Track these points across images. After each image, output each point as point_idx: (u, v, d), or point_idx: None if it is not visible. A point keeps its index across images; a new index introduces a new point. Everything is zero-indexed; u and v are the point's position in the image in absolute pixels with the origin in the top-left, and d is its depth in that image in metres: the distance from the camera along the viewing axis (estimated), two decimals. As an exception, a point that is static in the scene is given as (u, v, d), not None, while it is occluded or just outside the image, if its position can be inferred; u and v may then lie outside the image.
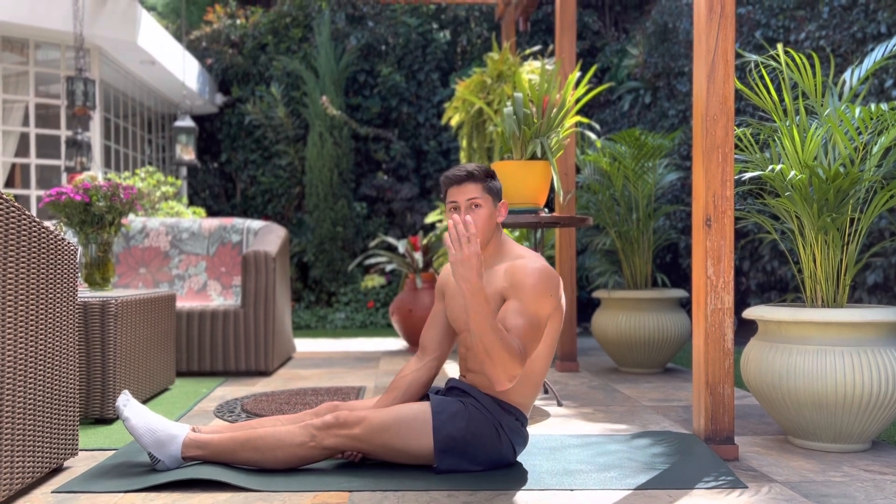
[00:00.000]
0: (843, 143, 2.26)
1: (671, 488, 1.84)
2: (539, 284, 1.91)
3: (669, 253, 5.58)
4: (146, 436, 1.94)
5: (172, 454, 1.94)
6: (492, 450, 1.95)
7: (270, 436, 1.93)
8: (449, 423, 1.92)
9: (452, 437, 1.91)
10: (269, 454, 1.93)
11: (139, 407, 1.98)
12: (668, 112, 5.56)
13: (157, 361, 3.09)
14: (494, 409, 1.96)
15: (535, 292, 1.90)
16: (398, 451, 1.95)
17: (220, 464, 1.97)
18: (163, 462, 1.95)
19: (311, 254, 7.03)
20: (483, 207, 1.99)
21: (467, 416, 1.93)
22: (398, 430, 1.92)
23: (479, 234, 1.98)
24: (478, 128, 4.92)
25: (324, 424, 1.92)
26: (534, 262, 1.95)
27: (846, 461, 2.12)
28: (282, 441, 1.92)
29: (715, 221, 2.19)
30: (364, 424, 1.92)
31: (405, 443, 1.93)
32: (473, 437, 1.93)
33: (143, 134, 7.24)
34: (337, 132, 6.99)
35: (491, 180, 2.03)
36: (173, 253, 4.31)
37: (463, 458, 1.94)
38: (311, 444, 1.92)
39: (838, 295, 2.33)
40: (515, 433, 1.99)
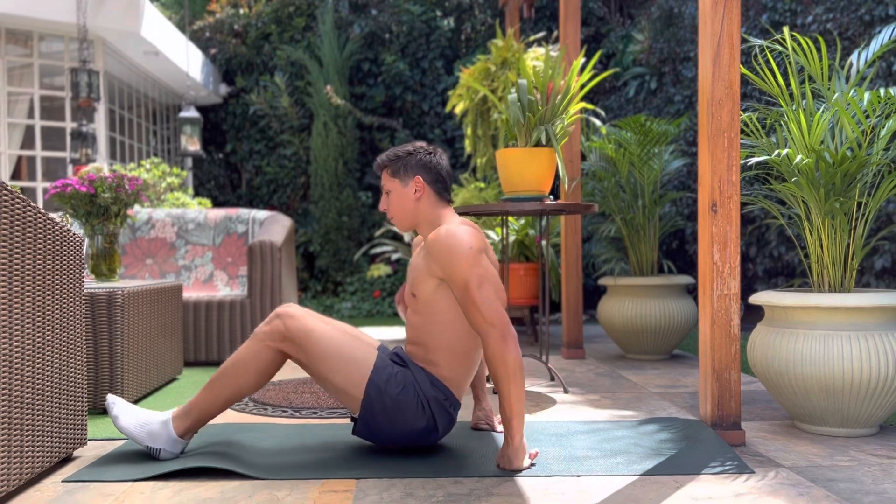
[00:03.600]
0: (850, 127, 2.24)
1: (678, 474, 1.84)
2: (447, 248, 1.89)
3: (675, 239, 5.56)
4: (139, 431, 1.98)
5: (168, 437, 1.97)
6: (412, 422, 1.94)
7: (231, 361, 1.98)
8: (383, 382, 1.93)
9: (381, 395, 1.92)
10: (240, 378, 1.96)
11: (126, 405, 2.03)
12: (674, 98, 5.52)
13: (164, 351, 3.10)
14: (424, 384, 1.96)
15: (449, 258, 1.88)
16: (328, 382, 1.96)
17: (220, 457, 1.98)
18: (163, 450, 1.98)
19: (316, 244, 7.04)
20: (392, 192, 2.06)
21: (402, 384, 1.94)
22: (336, 364, 1.93)
23: (397, 218, 2.07)
24: (482, 115, 4.90)
25: (272, 333, 1.95)
26: (440, 231, 1.92)
27: (853, 446, 2.11)
28: (241, 359, 1.97)
29: (721, 207, 2.18)
30: (309, 348, 1.93)
31: (338, 379, 1.94)
32: (399, 405, 1.93)
33: (148, 125, 7.25)
34: (341, 121, 6.98)
35: (396, 162, 2.05)
36: (179, 244, 4.32)
37: (383, 418, 1.94)
38: (266, 344, 1.95)
39: (846, 280, 2.32)
40: (441, 411, 1.97)
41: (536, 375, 3.36)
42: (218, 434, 2.28)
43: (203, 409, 1.99)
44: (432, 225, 2.06)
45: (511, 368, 1.82)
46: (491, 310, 1.84)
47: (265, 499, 1.69)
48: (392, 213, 2.07)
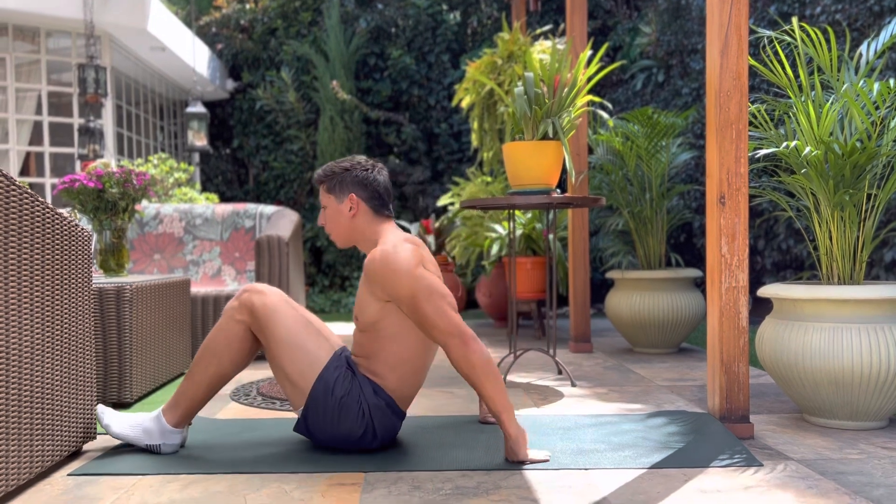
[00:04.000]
0: (859, 118, 2.23)
1: (686, 467, 1.84)
2: (386, 272, 1.87)
3: (683, 233, 5.54)
4: (133, 433, 2.01)
5: (163, 431, 1.99)
6: (351, 427, 1.93)
7: (204, 343, 1.99)
8: (332, 381, 1.92)
9: (326, 394, 1.91)
10: (215, 358, 1.97)
11: (114, 413, 2.05)
12: (682, 90, 5.50)
13: (173, 346, 3.12)
14: (367, 391, 1.94)
15: (391, 281, 1.87)
16: (280, 369, 1.95)
17: (227, 461, 1.99)
18: (163, 444, 2.00)
19: (324, 238, 7.04)
20: (329, 209, 2.06)
21: (348, 388, 1.92)
22: (291, 352, 1.93)
23: (335, 234, 2.06)
24: (489, 109, 4.89)
25: (239, 308, 1.96)
26: (374, 254, 1.91)
27: (863, 439, 2.10)
28: (212, 337, 1.98)
29: (729, 199, 2.17)
30: (269, 329, 1.93)
31: (290, 367, 1.93)
32: (341, 408, 1.91)
33: (155, 121, 7.26)
34: (348, 116, 6.98)
35: (332, 178, 2.04)
36: (187, 239, 4.33)
37: (324, 418, 1.93)
38: (234, 318, 1.96)
39: (855, 272, 2.31)
40: (381, 420, 1.95)
41: (544, 369, 3.36)
42: (226, 431, 2.29)
43: (189, 397, 1.99)
44: (369, 242, 2.05)
45: (480, 369, 1.82)
46: (445, 320, 1.84)
47: (274, 492, 1.69)
48: (329, 228, 2.07)
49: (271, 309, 1.95)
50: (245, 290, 1.99)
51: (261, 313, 1.94)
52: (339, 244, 2.08)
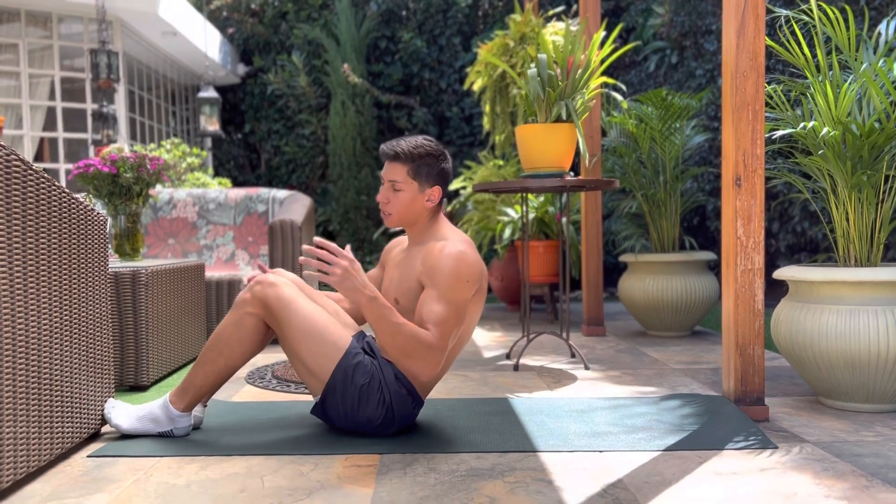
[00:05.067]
0: (878, 98, 2.20)
1: (701, 449, 1.84)
2: (453, 270, 1.87)
3: (697, 216, 5.51)
4: (143, 424, 2.01)
5: (171, 417, 2.00)
6: (371, 413, 1.92)
7: (215, 333, 1.98)
8: (351, 368, 1.91)
9: (346, 382, 1.90)
10: (226, 350, 1.95)
11: (122, 407, 2.04)
12: (696, 72, 5.44)
13: (188, 330, 3.14)
14: (389, 377, 1.94)
15: (449, 278, 1.87)
16: (297, 358, 1.94)
17: (243, 442, 2.00)
18: (175, 429, 2.01)
19: (336, 223, 7.06)
20: (405, 192, 1.98)
21: (369, 374, 1.92)
22: (308, 342, 1.91)
23: (396, 216, 2.00)
24: (501, 92, 4.86)
25: (252, 300, 1.93)
26: (451, 247, 1.90)
27: (879, 421, 2.09)
28: (223, 329, 1.96)
29: (745, 181, 2.15)
30: (284, 320, 1.90)
31: (308, 357, 1.92)
32: (361, 394, 1.91)
33: (168, 106, 7.27)
34: (359, 100, 6.96)
35: (421, 163, 1.97)
36: (201, 223, 4.35)
37: (343, 404, 1.92)
38: (247, 311, 1.93)
39: (872, 254, 2.29)
40: (401, 407, 1.94)
41: (557, 352, 3.36)
42: (242, 414, 2.31)
43: (198, 386, 1.99)
44: (425, 232, 2.02)
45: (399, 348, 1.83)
46: (440, 331, 1.85)
47: (290, 473, 1.71)
48: (391, 208, 2.00)
49: (285, 301, 1.92)
50: (257, 282, 1.95)
51: (275, 306, 1.92)
52: (393, 224, 2.02)
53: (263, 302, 1.93)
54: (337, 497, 1.55)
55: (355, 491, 1.58)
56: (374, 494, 1.56)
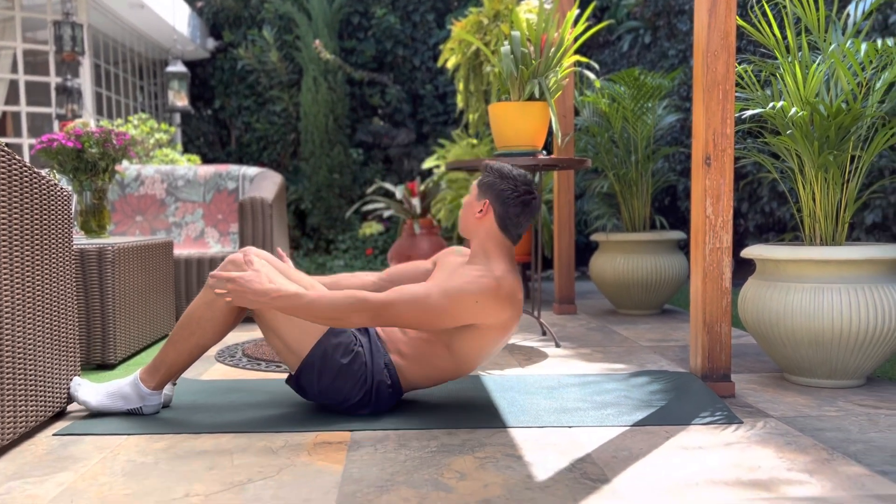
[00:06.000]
0: (845, 79, 2.22)
1: (668, 424, 1.86)
2: (472, 282, 1.85)
3: (668, 196, 5.56)
4: (112, 401, 1.98)
5: (141, 394, 1.98)
6: (348, 392, 1.91)
7: (187, 312, 1.96)
8: (332, 347, 1.90)
9: (325, 359, 1.89)
10: (198, 329, 1.93)
11: (89, 385, 2.02)
12: (668, 52, 5.46)
13: (156, 308, 3.10)
14: (377, 363, 1.94)
15: (458, 289, 1.85)
16: (274, 336, 1.92)
17: (213, 420, 1.99)
18: (145, 406, 1.99)
19: (308, 201, 7.00)
20: (468, 196, 2.06)
21: (352, 354, 1.91)
22: (287, 322, 1.90)
23: (461, 219, 2.06)
24: (474, 70, 4.84)
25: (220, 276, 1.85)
26: (485, 275, 1.88)
27: (841, 396, 2.14)
28: (196, 308, 1.94)
29: (714, 160, 2.17)
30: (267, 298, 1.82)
31: (286, 335, 1.90)
32: (341, 373, 1.90)
33: (135, 80, 7.12)
34: (331, 77, 6.88)
35: (488, 174, 2.03)
36: (169, 200, 4.28)
37: (319, 380, 1.90)
38: (217, 292, 1.88)
39: (837, 233, 2.33)
40: (380, 393, 1.94)
41: (528, 330, 3.38)
42: (212, 392, 2.29)
43: (169, 364, 1.97)
44: (480, 255, 2.00)
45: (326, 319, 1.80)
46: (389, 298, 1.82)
47: (260, 450, 1.70)
48: (461, 213, 2.07)
49: (270, 298, 1.85)
50: (230, 261, 1.93)
51: (258, 308, 1.88)
52: (461, 231, 2.07)
53: (242, 300, 1.88)
54: (307, 473, 1.55)
55: (326, 467, 1.58)
56: (344, 471, 1.56)
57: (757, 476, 1.50)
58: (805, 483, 1.46)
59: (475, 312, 1.86)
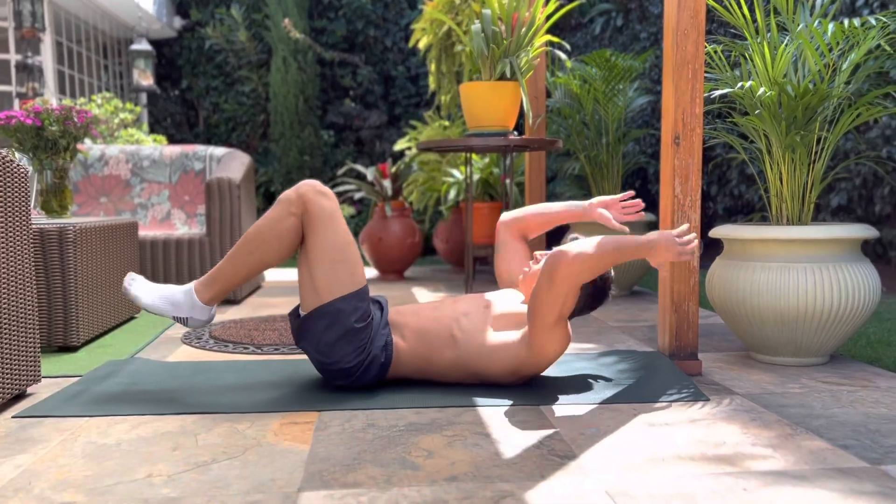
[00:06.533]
0: (813, 60, 2.23)
1: (636, 402, 1.87)
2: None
3: (639, 179, 5.59)
4: (163, 303, 1.95)
5: (193, 305, 1.95)
6: (343, 356, 1.91)
7: (254, 227, 1.94)
8: (352, 307, 1.89)
9: (341, 315, 1.88)
10: (262, 245, 1.92)
11: (144, 283, 1.98)
12: (640, 35, 5.47)
13: (121, 290, 3.04)
14: (378, 342, 1.95)
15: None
16: (308, 271, 1.91)
17: (179, 401, 1.96)
18: (191, 318, 1.96)
19: (278, 183, 6.91)
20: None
21: (364, 324, 1.91)
22: (328, 265, 1.89)
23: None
24: (446, 50, 4.80)
25: (297, 200, 1.90)
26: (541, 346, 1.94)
27: (805, 374, 2.17)
28: (263, 224, 1.93)
29: (683, 139, 2.17)
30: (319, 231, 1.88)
31: (321, 276, 1.89)
32: (347, 333, 1.89)
33: (99, 59, 6.95)
34: (301, 57, 6.78)
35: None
36: (135, 181, 4.20)
37: (325, 334, 1.89)
38: (290, 210, 1.90)
39: (803, 213, 2.35)
40: (371, 368, 1.95)
41: (499, 312, 3.38)
42: (177, 374, 2.26)
43: (227, 278, 1.95)
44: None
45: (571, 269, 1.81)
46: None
47: (226, 431, 1.68)
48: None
49: (328, 212, 1.90)
50: (307, 184, 1.92)
51: (316, 212, 1.89)
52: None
53: (306, 204, 1.90)
54: (273, 453, 1.53)
55: (292, 447, 1.56)
56: (311, 450, 1.54)
57: (722, 451, 1.52)
58: (769, 457, 1.47)
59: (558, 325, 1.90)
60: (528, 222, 2.23)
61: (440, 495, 1.29)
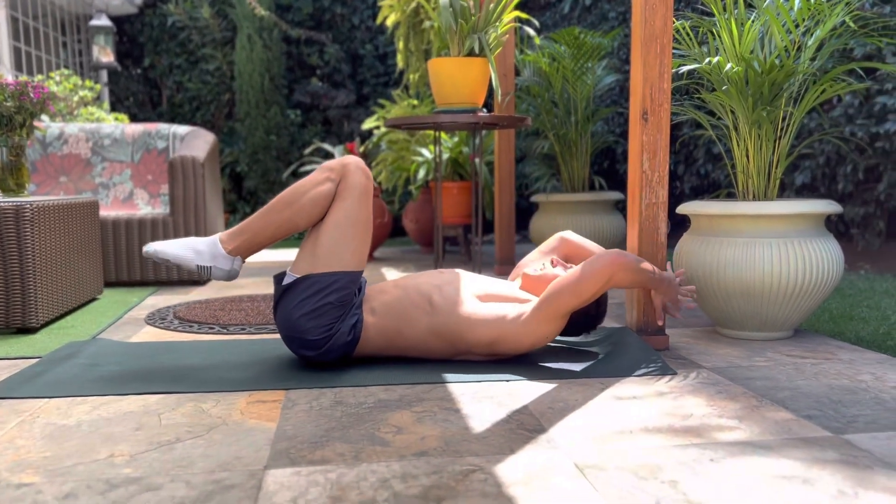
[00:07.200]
0: (779, 35, 2.24)
1: (604, 377, 1.88)
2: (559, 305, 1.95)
3: (607, 159, 5.61)
4: (184, 252, 1.90)
5: (217, 254, 1.92)
6: (313, 327, 1.89)
7: (295, 186, 1.93)
8: (337, 286, 1.89)
9: (323, 290, 1.88)
10: (296, 205, 1.91)
11: (161, 242, 1.95)
12: (609, 14, 5.46)
13: (82, 270, 2.97)
14: (349, 321, 1.93)
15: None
16: (320, 234, 1.91)
17: (143, 380, 1.92)
18: (214, 268, 1.92)
19: (244, 164, 6.81)
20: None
21: (342, 303, 1.91)
22: (338, 237, 1.90)
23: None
24: (414, 28, 4.74)
25: (339, 168, 1.93)
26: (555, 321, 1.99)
27: (770, 348, 2.20)
28: (304, 185, 1.92)
29: (651, 115, 2.17)
30: (346, 201, 1.91)
31: (325, 243, 1.89)
32: (319, 311, 1.88)
33: (57, 35, 6.75)
34: (267, 34, 6.66)
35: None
36: (95, 160, 4.09)
37: (304, 302, 1.88)
38: (328, 175, 1.92)
39: (769, 189, 2.37)
40: (337, 346, 1.93)
41: (469, 290, 3.37)
42: (140, 354, 2.21)
43: (254, 231, 1.92)
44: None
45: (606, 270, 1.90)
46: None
47: (190, 410, 1.65)
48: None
49: (360, 190, 1.92)
50: (354, 158, 1.94)
51: (350, 183, 1.91)
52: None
53: (346, 174, 1.92)
54: (239, 432, 1.50)
55: (258, 425, 1.54)
56: (278, 428, 1.52)
57: (689, 423, 1.53)
58: (735, 429, 1.49)
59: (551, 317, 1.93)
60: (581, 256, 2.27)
61: (409, 470, 1.28)
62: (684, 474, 1.25)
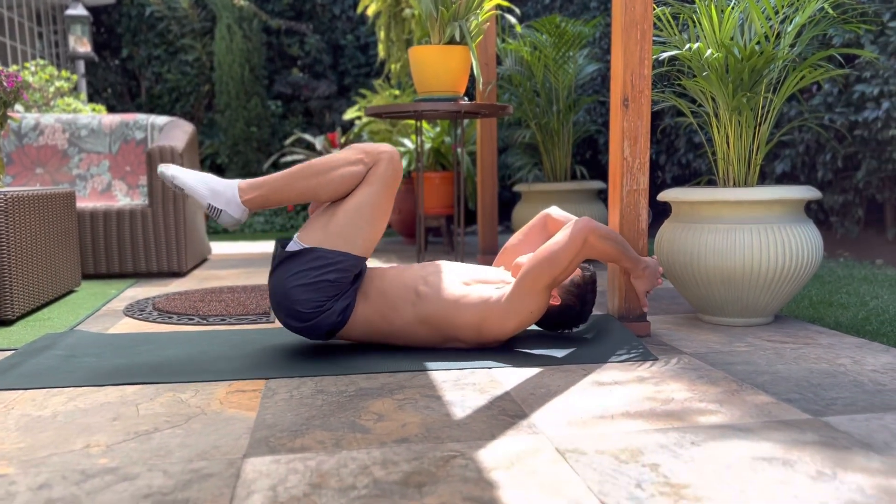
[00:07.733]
0: (759, 22, 2.25)
1: (586, 363, 1.88)
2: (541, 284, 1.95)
3: (589, 149, 5.61)
4: (200, 187, 1.88)
5: (232, 199, 1.89)
6: (305, 302, 1.88)
7: (326, 159, 1.91)
8: (337, 266, 1.88)
9: (323, 266, 1.87)
10: (323, 176, 1.89)
11: (181, 168, 1.92)
12: (590, 4, 5.46)
13: (59, 262, 2.92)
14: (338, 307, 1.92)
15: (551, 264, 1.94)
16: (337, 211, 1.90)
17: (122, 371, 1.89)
18: (224, 212, 1.90)
19: (224, 155, 6.75)
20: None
21: (338, 284, 1.90)
22: (354, 220, 1.89)
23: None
24: (395, 17, 4.71)
25: (372, 152, 1.92)
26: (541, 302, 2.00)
27: (750, 333, 2.21)
28: (335, 157, 1.91)
29: (632, 101, 2.17)
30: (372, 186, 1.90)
31: (340, 222, 1.89)
32: (314, 286, 1.87)
33: (33, 26, 6.64)
34: (246, 24, 6.59)
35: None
36: (72, 151, 4.03)
37: (302, 274, 1.87)
38: (361, 157, 1.91)
39: (749, 175, 2.38)
40: (322, 326, 1.93)
41: (451, 280, 3.36)
42: (118, 345, 2.18)
43: (274, 189, 1.90)
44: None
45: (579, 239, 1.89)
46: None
47: (168, 400, 1.63)
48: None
49: (389, 179, 1.91)
50: (390, 148, 1.93)
51: (380, 172, 1.90)
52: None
53: (378, 161, 1.91)
54: (218, 421, 1.48)
55: (238, 415, 1.52)
56: (258, 417, 1.50)
57: (670, 407, 1.53)
58: (716, 412, 1.49)
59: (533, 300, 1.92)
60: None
61: (390, 457, 1.27)
62: (665, 457, 1.25)
